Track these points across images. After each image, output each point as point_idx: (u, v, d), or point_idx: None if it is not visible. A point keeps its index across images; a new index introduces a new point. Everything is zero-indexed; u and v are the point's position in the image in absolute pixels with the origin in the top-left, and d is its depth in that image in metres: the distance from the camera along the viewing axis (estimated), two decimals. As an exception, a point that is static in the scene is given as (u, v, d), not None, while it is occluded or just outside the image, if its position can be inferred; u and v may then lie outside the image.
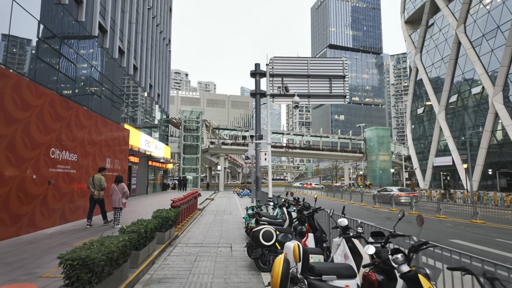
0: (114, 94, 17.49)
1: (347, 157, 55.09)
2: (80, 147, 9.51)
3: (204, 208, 15.50)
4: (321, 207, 5.37)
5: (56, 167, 8.16)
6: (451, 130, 36.51)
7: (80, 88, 13.60)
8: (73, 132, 9.08)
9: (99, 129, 10.87)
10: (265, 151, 9.33)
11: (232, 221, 10.91)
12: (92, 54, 14.80)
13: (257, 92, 13.32)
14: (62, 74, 11.98)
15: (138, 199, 19.34)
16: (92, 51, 14.71)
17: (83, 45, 13.94)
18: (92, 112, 11.09)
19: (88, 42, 14.35)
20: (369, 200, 21.73)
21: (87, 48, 14.28)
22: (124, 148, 13.30)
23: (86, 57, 14.01)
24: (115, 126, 12.47)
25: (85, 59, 13.97)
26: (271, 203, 9.20)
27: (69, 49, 12.56)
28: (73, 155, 9.03)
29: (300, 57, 14.44)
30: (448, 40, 37.19)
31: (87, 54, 14.17)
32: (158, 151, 26.89)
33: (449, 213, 15.20)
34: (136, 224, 4.79)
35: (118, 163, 12.54)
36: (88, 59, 14.29)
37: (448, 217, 14.16)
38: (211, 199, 21.97)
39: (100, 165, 10.81)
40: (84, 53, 13.86)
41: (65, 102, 8.77)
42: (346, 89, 14.13)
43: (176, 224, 8.26)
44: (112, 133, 11.94)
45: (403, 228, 9.20)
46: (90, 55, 14.54)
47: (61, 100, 8.57)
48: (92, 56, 14.70)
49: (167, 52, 32.89)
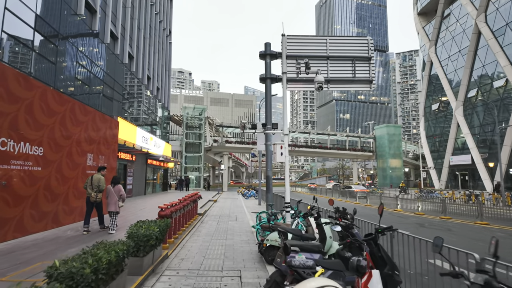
0: (104, 83, 15.59)
1: (356, 156, 52.83)
2: (49, 139, 7.58)
3: (206, 212, 13.54)
4: (392, 227, 3.35)
5: (9, 163, 6.23)
6: (469, 127, 34.17)
7: (57, 69, 11.65)
8: (38, 119, 7.14)
9: (77, 117, 8.94)
10: (281, 143, 7.33)
11: (238, 230, 8.93)
12: (73, 30, 12.83)
13: (267, 76, 11.32)
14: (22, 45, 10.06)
15: (133, 201, 17.45)
16: (74, 29, 12.74)
17: (65, 21, 11.99)
18: (66, 96, 9.16)
19: (71, 19, 12.40)
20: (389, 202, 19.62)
21: (70, 27, 12.31)
22: (111, 142, 11.38)
23: (64, 32, 12.07)
24: (100, 116, 10.53)
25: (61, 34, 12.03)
26: (289, 210, 7.19)
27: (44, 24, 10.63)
28: (37, 148, 7.09)
29: (318, 36, 12.36)
30: (466, 31, 34.84)
31: (64, 27, 12.16)
32: (157, 148, 24.99)
33: (490, 218, 13.08)
34: (81, 257, 2.77)
35: (104, 159, 10.61)
36: (66, 32, 12.33)
37: (490, 223, 12.04)
38: (214, 201, 20.02)
39: (78, 161, 8.89)
40: (61, 28, 11.91)
41: (24, 79, 6.83)
42: (372, 73, 12.05)
43: (167, 239, 6.29)
44: (95, 123, 10.02)
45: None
46: (69, 30, 12.54)
47: (17, 75, 6.63)
48: (70, 31, 12.71)
49: (168, 44, 30.98)
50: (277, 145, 7.36)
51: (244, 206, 17.17)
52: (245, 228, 9.30)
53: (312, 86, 12.03)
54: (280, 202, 11.68)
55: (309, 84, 11.77)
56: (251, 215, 12.67)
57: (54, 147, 7.78)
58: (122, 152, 18.02)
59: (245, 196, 24.34)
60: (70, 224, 8.47)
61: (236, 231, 8.78)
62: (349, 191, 26.17)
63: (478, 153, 32.63)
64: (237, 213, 13.41)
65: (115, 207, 7.34)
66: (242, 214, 13.23)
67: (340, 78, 11.98)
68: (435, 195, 25.76)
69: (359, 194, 24.03)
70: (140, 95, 22.19)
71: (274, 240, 5.17)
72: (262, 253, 5.68)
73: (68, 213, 8.48)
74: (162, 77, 28.56)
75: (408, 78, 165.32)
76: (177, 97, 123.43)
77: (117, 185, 7.54)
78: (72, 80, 12.02)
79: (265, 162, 20.57)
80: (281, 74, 11.55)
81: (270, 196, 10.82)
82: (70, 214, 8.55)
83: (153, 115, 26.05)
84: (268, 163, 11.16)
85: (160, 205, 6.75)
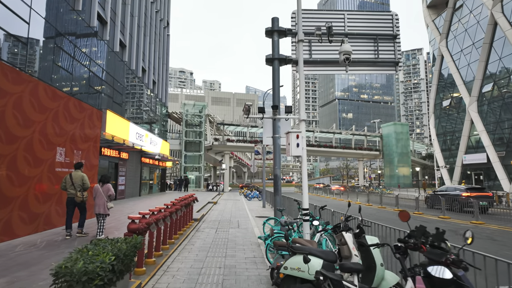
0: (91, 71, 13.89)
1: (362, 155, 50.93)
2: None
3: (204, 217, 11.81)
4: None
5: None
6: (484, 124, 32.25)
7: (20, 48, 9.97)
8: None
9: (42, 102, 7.23)
10: (297, 131, 5.59)
11: (241, 242, 7.19)
12: (54, 11, 11.15)
13: (275, 57, 9.61)
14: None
15: (124, 203, 15.76)
16: (55, 9, 11.05)
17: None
18: (26, 75, 7.45)
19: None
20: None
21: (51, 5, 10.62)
22: (92, 136, 9.67)
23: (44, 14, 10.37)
24: (75, 103, 8.81)
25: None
26: (309, 219, 5.44)
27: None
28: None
29: (334, 10, 10.58)
30: (481, 23, 32.95)
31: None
32: (153, 146, 23.30)
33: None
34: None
35: (81, 155, 8.90)
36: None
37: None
38: (213, 203, 18.29)
39: (42, 156, 7.19)
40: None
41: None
42: (398, 54, 10.30)
43: (142, 262, 4.56)
44: (68, 111, 8.30)
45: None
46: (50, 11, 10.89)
47: None
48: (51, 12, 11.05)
49: (166, 36, 29.27)
50: (292, 134, 5.61)
51: (247, 209, 15.43)
52: (249, 239, 7.56)
53: (327, 69, 10.33)
54: (290, 205, 9.92)
55: (325, 67, 10.06)
56: (255, 221, 10.93)
57: (5, 137, 6.08)
58: (112, 149, 16.33)
59: (248, 198, 22.60)
60: (29, 236, 6.76)
61: (239, 243, 7.04)
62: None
63: (495, 151, 30.73)
64: (239, 218, 11.66)
65: (104, 209, 6.54)
66: (245, 219, 11.49)
67: (361, 59, 10.25)
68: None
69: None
70: (134, 88, 20.49)
71: (296, 269, 3.46)
72: (277, 285, 3.95)
73: (29, 222, 6.77)
74: (159, 70, 26.85)
75: (411, 77, 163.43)
76: (178, 96, 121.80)
77: (106, 184, 6.72)
78: (45, 60, 10.29)
79: (270, 160, 18.77)
80: (292, 51, 9.89)
81: (278, 199, 9.08)
82: (31, 222, 6.84)
83: (149, 110, 24.37)
84: (276, 159, 9.43)
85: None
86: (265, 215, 12.87)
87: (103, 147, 14.89)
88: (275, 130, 9.28)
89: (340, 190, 33.32)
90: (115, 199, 17.41)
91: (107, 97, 16.26)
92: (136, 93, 20.85)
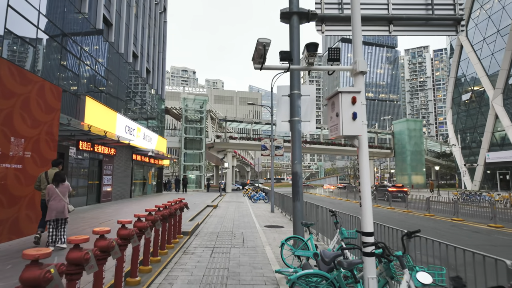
0: (64, 48, 11.41)
1: (372, 153, 48.17)
2: None
3: (198, 228, 9.26)
4: None
5: None
6: (511, 119, 29.45)
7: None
8: None
9: None
10: (354, 91, 3.07)
11: (248, 276, 4.64)
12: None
13: (294, 10, 7.02)
14: None
15: (106, 207, 13.30)
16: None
17: None
18: None
19: None
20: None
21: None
22: (44, 119, 7.16)
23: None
24: (13, 70, 6.29)
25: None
26: (373, 253, 2.90)
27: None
28: None
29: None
30: (506, 8, 30.14)
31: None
32: (147, 142, 20.85)
33: None
34: None
35: (24, 145, 6.40)
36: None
37: None
38: (213, 206, 15.76)
39: None
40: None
41: None
42: (458, 10, 7.62)
43: None
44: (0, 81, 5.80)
45: None
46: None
47: None
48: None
49: (162, 22, 26.79)
50: (344, 96, 3.07)
51: (252, 214, 12.88)
52: (260, 269, 5.01)
53: (364, 29, 7.65)
54: (310, 213, 7.31)
55: (361, 27, 7.29)
56: (265, 233, 8.37)
57: None
58: (96, 144, 13.86)
59: (253, 200, 20.06)
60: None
61: (245, 280, 4.48)
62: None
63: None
64: (244, 229, 9.11)
65: (64, 212, 5.55)
66: (252, 230, 8.93)
67: (408, 16, 7.55)
68: (482, 198, 21.23)
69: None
70: (123, 74, 18.00)
71: None
72: None
73: None
74: (154, 58, 24.38)
75: (417, 75, 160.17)
76: (180, 95, 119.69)
77: (63, 183, 5.71)
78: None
79: (280, 156, 15.92)
80: (316, 4, 7.32)
81: (300, 206, 6.47)
82: None
83: (141, 101, 21.91)
84: (296, 151, 6.84)
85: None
86: (276, 223, 10.31)
87: (81, 141, 12.46)
88: (294, 111, 6.70)
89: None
90: (99, 201, 14.98)
91: (88, 83, 13.79)
92: (126, 79, 18.37)
